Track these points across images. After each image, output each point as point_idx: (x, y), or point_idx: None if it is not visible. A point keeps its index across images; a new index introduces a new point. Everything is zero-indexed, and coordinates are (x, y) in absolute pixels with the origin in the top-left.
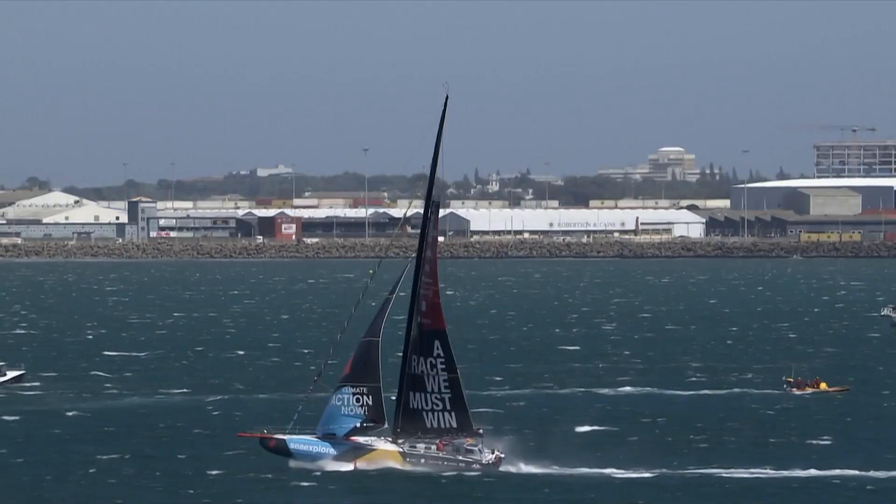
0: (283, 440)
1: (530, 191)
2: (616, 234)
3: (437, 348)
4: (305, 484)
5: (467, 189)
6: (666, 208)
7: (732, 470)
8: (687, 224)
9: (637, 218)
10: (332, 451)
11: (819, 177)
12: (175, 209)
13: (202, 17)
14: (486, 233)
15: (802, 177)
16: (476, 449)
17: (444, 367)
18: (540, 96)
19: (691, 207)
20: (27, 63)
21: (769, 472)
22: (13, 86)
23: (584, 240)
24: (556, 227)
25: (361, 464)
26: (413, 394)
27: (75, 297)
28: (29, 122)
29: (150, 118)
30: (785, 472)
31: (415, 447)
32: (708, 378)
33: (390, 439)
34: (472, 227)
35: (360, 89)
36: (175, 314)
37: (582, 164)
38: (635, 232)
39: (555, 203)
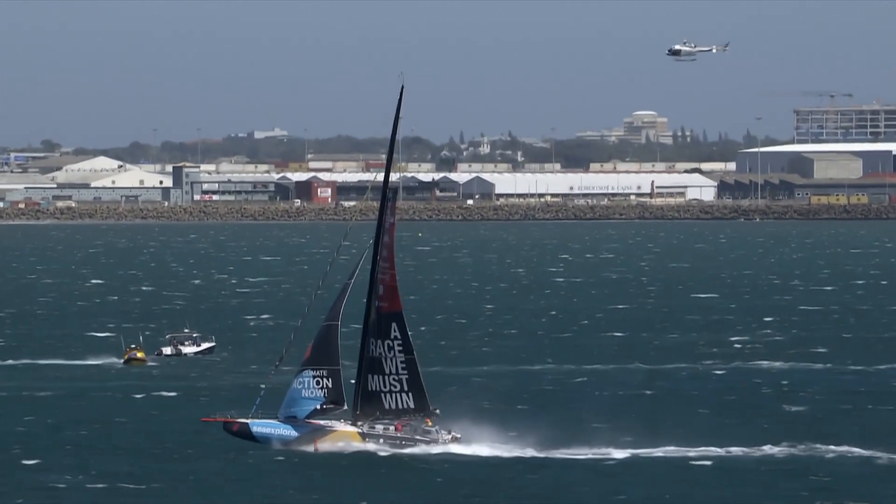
0: (246, 424)
1: (519, 153)
2: (633, 198)
3: (395, 330)
4: (271, 467)
5: (459, 151)
6: (661, 171)
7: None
8: (700, 188)
9: (653, 182)
10: (293, 433)
11: (818, 141)
12: (210, 173)
13: None
14: (511, 196)
15: (768, 139)
16: (433, 429)
17: (401, 348)
18: (519, 61)
19: (695, 171)
20: (33, 29)
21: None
22: (17, 51)
23: (604, 202)
24: (576, 191)
25: (322, 445)
26: (371, 376)
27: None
28: (32, 85)
29: (149, 82)
30: None
31: (374, 428)
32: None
33: (350, 421)
34: (497, 191)
35: (347, 53)
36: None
37: (559, 126)
38: (650, 195)
39: (557, 166)
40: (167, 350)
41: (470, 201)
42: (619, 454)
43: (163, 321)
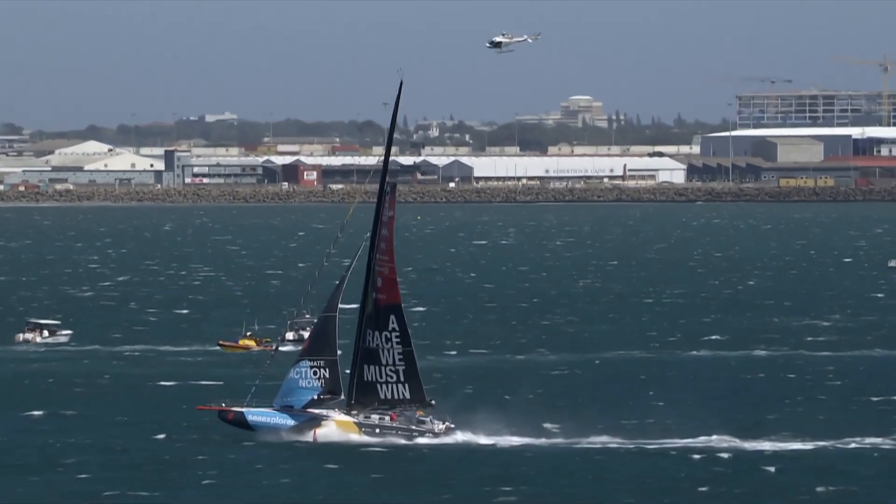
0: (242, 412)
1: (467, 136)
2: (606, 180)
3: (393, 322)
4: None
5: (409, 135)
6: (616, 154)
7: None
8: (671, 171)
9: (625, 165)
10: (289, 422)
11: (759, 125)
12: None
13: None
14: (489, 179)
15: (698, 122)
16: (428, 419)
17: (398, 340)
18: (455, 46)
19: (656, 154)
20: None
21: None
22: None
23: (580, 185)
24: (551, 174)
25: (319, 434)
26: (367, 367)
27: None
28: None
29: (99, 64)
30: None
31: (369, 418)
32: None
33: (345, 411)
34: (476, 174)
35: (294, 37)
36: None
37: (497, 110)
38: (623, 178)
39: (516, 149)
40: (290, 335)
41: (452, 184)
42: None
43: (282, 306)
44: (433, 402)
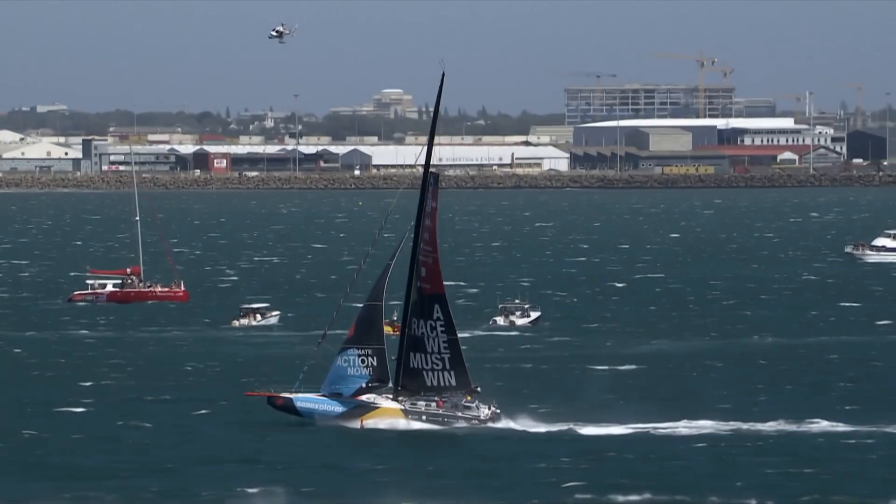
0: (290, 399)
1: (300, 126)
2: (495, 168)
3: (437, 311)
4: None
5: (246, 125)
6: (470, 144)
7: None
8: (556, 159)
9: (513, 154)
10: (337, 408)
11: (587, 118)
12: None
13: None
14: (387, 167)
15: (501, 115)
16: (474, 405)
17: (443, 329)
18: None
19: (526, 143)
20: None
21: None
22: None
23: (472, 173)
24: (445, 162)
25: (366, 421)
26: (413, 354)
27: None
28: None
29: None
30: None
31: (416, 405)
32: None
33: (391, 397)
34: (374, 162)
35: (121, 26)
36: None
37: (310, 101)
38: (511, 165)
39: (374, 139)
40: (500, 320)
41: (357, 171)
42: None
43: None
44: (479, 388)
